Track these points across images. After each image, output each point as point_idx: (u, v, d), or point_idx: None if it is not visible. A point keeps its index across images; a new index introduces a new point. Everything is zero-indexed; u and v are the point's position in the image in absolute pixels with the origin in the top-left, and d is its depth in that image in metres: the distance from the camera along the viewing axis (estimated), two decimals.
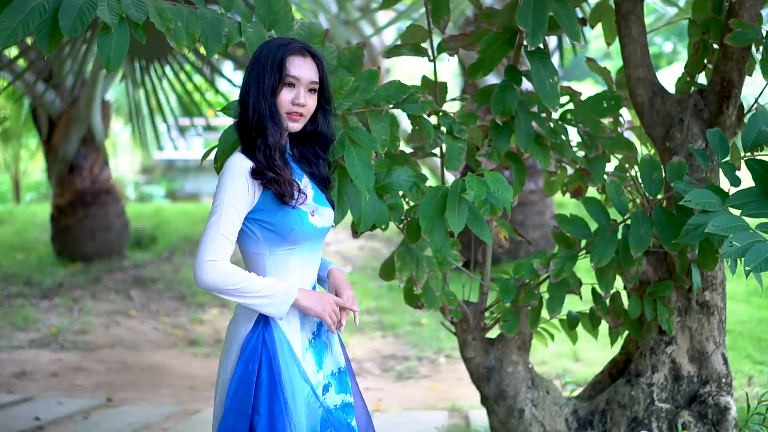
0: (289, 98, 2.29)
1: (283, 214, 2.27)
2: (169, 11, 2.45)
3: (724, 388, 3.28)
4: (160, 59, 7.85)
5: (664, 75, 10.50)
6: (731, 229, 2.55)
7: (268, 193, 2.26)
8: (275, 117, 2.28)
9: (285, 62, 2.28)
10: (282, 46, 2.30)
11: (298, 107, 2.30)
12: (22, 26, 2.25)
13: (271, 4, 2.70)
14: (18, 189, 15.11)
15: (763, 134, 2.77)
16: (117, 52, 2.31)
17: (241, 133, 2.31)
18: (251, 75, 2.30)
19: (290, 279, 2.31)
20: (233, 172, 2.24)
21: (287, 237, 2.28)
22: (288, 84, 2.29)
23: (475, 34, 3.12)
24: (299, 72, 2.29)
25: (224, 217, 2.22)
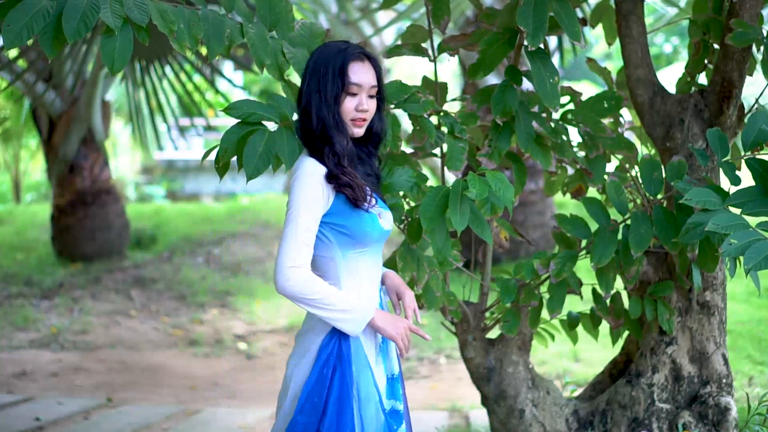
0: (352, 106, 2.29)
1: (357, 217, 2.28)
2: (171, 13, 2.46)
3: (725, 388, 3.28)
4: (160, 59, 7.85)
5: (664, 75, 10.50)
6: (731, 227, 2.55)
7: (341, 196, 2.27)
8: (340, 125, 2.28)
9: (347, 70, 2.27)
10: (340, 52, 2.29)
11: (361, 113, 2.30)
12: (27, 29, 2.25)
13: (272, 4, 2.71)
14: (18, 189, 15.11)
15: (762, 133, 2.78)
16: (121, 54, 2.32)
17: (305, 139, 2.31)
18: (311, 83, 2.29)
19: (361, 281, 2.32)
20: (308, 177, 2.24)
21: (360, 240, 2.30)
22: (350, 92, 2.29)
23: (476, 34, 3.12)
24: (360, 78, 2.29)
25: (302, 223, 2.22)
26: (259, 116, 2.49)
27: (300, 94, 2.33)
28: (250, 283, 8.58)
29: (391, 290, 2.47)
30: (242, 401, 5.74)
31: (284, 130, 2.50)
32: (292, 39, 2.78)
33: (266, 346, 7.12)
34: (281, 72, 2.70)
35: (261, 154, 2.44)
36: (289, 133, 2.49)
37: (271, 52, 2.68)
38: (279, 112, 2.53)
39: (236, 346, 7.12)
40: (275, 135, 2.48)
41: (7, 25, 2.23)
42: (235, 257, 9.26)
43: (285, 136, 2.48)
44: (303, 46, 2.80)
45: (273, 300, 8.16)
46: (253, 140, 2.45)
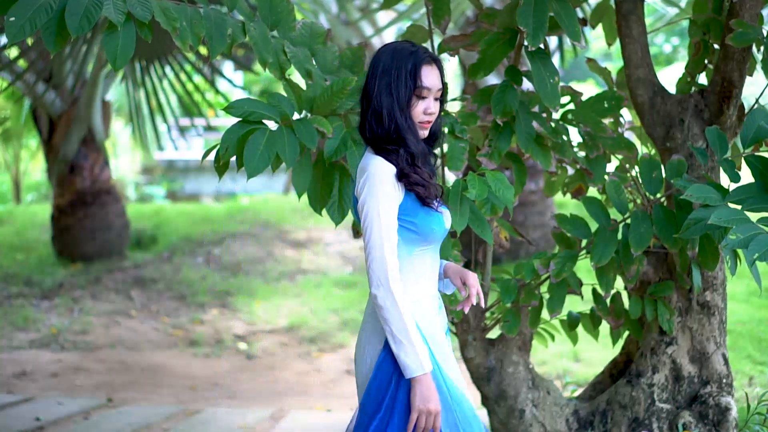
0: (421, 109, 2.31)
1: (425, 215, 2.29)
2: (173, 10, 2.46)
3: (725, 388, 3.28)
4: (160, 59, 7.85)
5: (664, 75, 10.50)
6: (733, 221, 2.56)
7: (411, 195, 2.28)
8: (411, 127, 2.29)
9: (419, 73, 2.28)
10: (412, 54, 2.30)
11: (429, 116, 2.32)
12: (30, 23, 2.26)
13: (274, 4, 2.71)
14: (18, 189, 15.11)
15: (761, 130, 2.78)
16: (123, 50, 2.32)
17: (371, 139, 2.31)
18: (380, 83, 2.29)
19: (421, 278, 2.33)
20: (380, 177, 2.25)
21: (426, 237, 2.31)
22: (420, 96, 2.30)
23: (476, 35, 3.12)
24: (431, 82, 2.30)
25: (388, 229, 2.23)
26: (260, 115, 2.49)
27: (366, 95, 2.32)
28: (250, 283, 8.58)
29: (454, 276, 2.46)
30: (242, 401, 5.74)
31: (285, 129, 2.50)
32: (293, 39, 2.78)
33: (266, 346, 7.12)
34: (282, 71, 2.70)
35: (262, 152, 2.44)
36: (290, 132, 2.49)
37: (272, 51, 2.69)
38: (280, 111, 2.53)
39: (236, 346, 7.12)
40: (276, 134, 2.48)
41: (10, 18, 2.24)
42: (235, 257, 9.26)
43: (286, 135, 2.48)
44: (304, 46, 2.81)
45: (273, 300, 8.16)
46: (254, 139, 2.45)
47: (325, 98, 2.59)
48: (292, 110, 2.56)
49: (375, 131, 2.29)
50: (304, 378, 6.37)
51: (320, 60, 2.83)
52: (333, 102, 2.60)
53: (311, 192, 2.68)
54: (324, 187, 2.67)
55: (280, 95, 2.58)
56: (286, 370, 6.57)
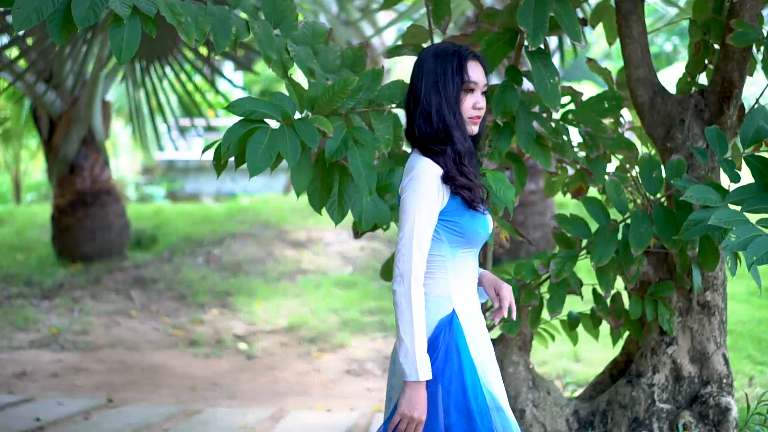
0: (470, 104, 2.32)
1: (471, 217, 2.29)
2: (178, 6, 2.47)
3: (725, 388, 3.28)
4: (160, 60, 7.85)
5: (664, 75, 10.50)
6: (733, 222, 2.56)
7: (457, 197, 2.28)
8: (460, 124, 2.30)
9: (465, 68, 2.30)
10: (455, 51, 2.32)
11: (478, 111, 2.32)
12: (36, 13, 2.26)
13: (277, 3, 2.72)
14: (18, 189, 15.11)
15: (761, 130, 2.78)
16: (129, 44, 2.33)
17: (419, 139, 2.31)
18: (427, 83, 2.30)
19: (464, 280, 2.33)
20: (425, 178, 2.25)
21: (471, 240, 2.31)
22: (468, 90, 2.31)
23: (476, 35, 3.12)
24: (477, 76, 2.32)
25: (421, 229, 2.22)
26: (262, 114, 2.50)
27: (411, 97, 2.34)
28: (250, 284, 8.58)
29: (488, 286, 2.45)
30: (242, 401, 5.74)
31: (286, 128, 2.50)
32: (295, 38, 2.79)
33: (266, 346, 7.12)
34: (285, 69, 2.71)
35: (264, 151, 2.45)
36: (291, 131, 2.49)
37: (276, 49, 2.69)
38: (281, 110, 2.53)
39: (236, 346, 7.12)
40: (278, 133, 2.49)
41: (16, 7, 2.25)
42: (235, 257, 9.26)
43: (287, 134, 2.49)
44: (306, 45, 2.81)
45: (273, 300, 8.16)
46: (256, 138, 2.46)
47: (327, 98, 2.60)
48: (294, 109, 2.56)
49: (423, 131, 2.30)
50: (304, 378, 6.37)
51: (322, 59, 2.84)
52: (334, 102, 2.60)
53: (311, 191, 2.68)
54: (324, 186, 2.67)
55: (282, 94, 2.58)
56: (286, 370, 6.57)
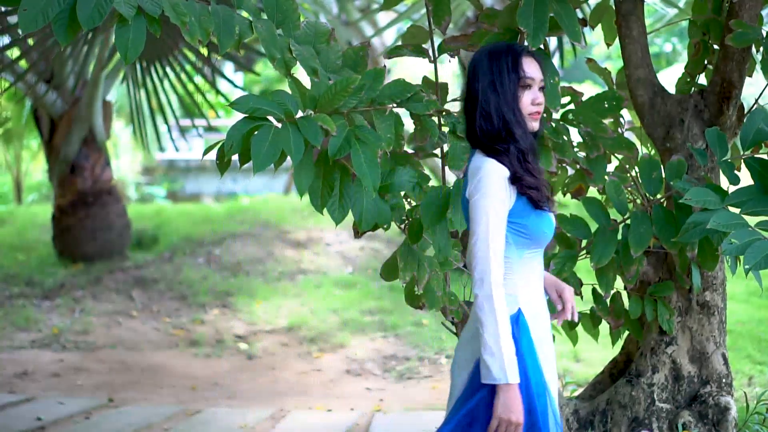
0: (529, 99, 2.32)
1: (537, 218, 2.29)
2: (182, 6, 2.48)
3: (725, 388, 3.29)
4: (161, 60, 7.86)
5: (664, 75, 10.50)
6: (732, 226, 2.56)
7: (523, 198, 2.28)
8: (521, 121, 2.30)
9: (520, 64, 2.31)
10: (509, 48, 2.33)
11: (537, 107, 2.33)
12: (42, 14, 2.29)
13: (279, 2, 2.73)
14: (19, 190, 15.10)
15: (761, 132, 2.78)
16: (134, 44, 2.35)
17: (482, 140, 2.31)
18: (484, 83, 2.31)
19: (531, 281, 2.32)
20: (494, 179, 2.25)
21: (537, 240, 2.30)
22: (525, 86, 2.31)
23: (476, 35, 3.13)
24: (533, 72, 2.33)
25: (495, 230, 2.22)
26: (265, 111, 2.50)
27: (470, 99, 2.35)
28: (250, 284, 8.58)
29: (551, 287, 2.44)
30: (242, 401, 5.75)
31: (290, 126, 2.51)
32: (297, 37, 2.80)
33: (267, 346, 7.13)
34: (288, 68, 2.72)
35: (268, 148, 2.45)
36: (295, 129, 2.50)
37: (279, 49, 2.70)
38: (284, 108, 2.54)
39: (237, 346, 7.12)
40: (281, 130, 2.49)
41: (23, 9, 2.27)
42: (235, 257, 9.26)
43: (290, 132, 2.49)
44: (308, 44, 2.82)
45: (273, 300, 8.17)
46: (260, 134, 2.46)
47: (329, 97, 2.60)
48: (297, 108, 2.57)
49: (485, 131, 2.30)
50: (304, 378, 6.37)
51: (324, 59, 2.84)
52: (336, 100, 2.61)
53: (313, 191, 2.68)
54: (325, 186, 2.68)
55: (285, 92, 2.58)
56: (286, 370, 6.57)
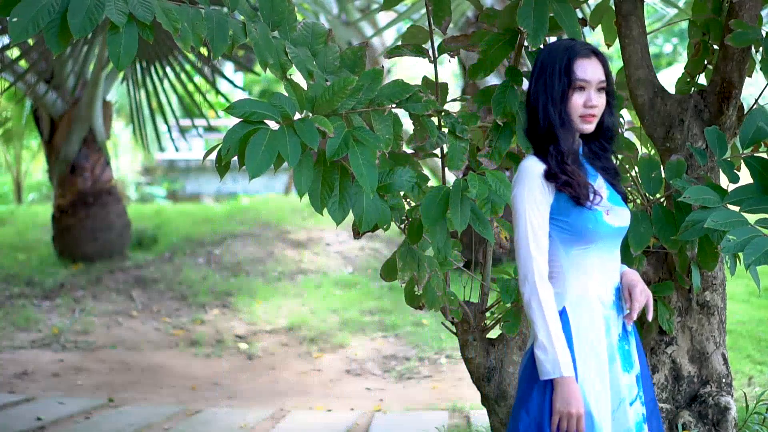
0: (580, 102, 2.31)
1: (578, 214, 2.29)
2: (175, 11, 2.47)
3: (725, 388, 3.29)
4: (161, 60, 7.86)
5: (664, 76, 10.50)
6: (730, 224, 2.56)
7: (563, 194, 2.29)
8: (566, 123, 2.30)
9: (573, 66, 2.30)
10: (567, 49, 2.32)
11: (591, 109, 2.31)
12: (33, 24, 2.28)
13: (275, 4, 2.72)
14: (19, 189, 15.11)
15: (760, 131, 2.79)
16: (126, 50, 2.34)
17: (531, 138, 2.35)
18: (538, 82, 2.32)
19: (588, 278, 2.32)
20: (527, 176, 2.28)
21: (583, 237, 2.29)
22: (578, 88, 2.30)
23: (476, 35, 3.13)
24: (587, 74, 2.30)
25: (535, 226, 2.26)
26: (261, 115, 2.50)
27: (528, 96, 2.36)
28: (250, 284, 8.59)
29: (625, 286, 2.41)
30: (242, 401, 5.75)
31: (286, 129, 2.50)
32: (294, 39, 2.79)
33: (267, 346, 7.13)
34: (284, 71, 2.71)
35: (263, 152, 2.45)
36: (292, 132, 2.50)
37: (274, 52, 2.70)
38: (281, 111, 2.53)
39: (237, 346, 7.13)
40: (278, 134, 2.49)
41: (13, 19, 2.26)
42: (235, 257, 9.26)
43: (287, 135, 2.49)
44: (305, 46, 2.82)
45: (273, 300, 8.17)
46: (256, 139, 2.46)
47: (326, 98, 2.60)
48: (294, 110, 2.56)
49: (531, 129, 2.33)
50: (304, 378, 6.37)
51: (321, 60, 2.84)
52: (334, 102, 2.61)
53: (312, 192, 2.68)
54: (325, 186, 2.68)
55: (282, 95, 2.58)
56: (287, 370, 6.58)
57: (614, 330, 2.36)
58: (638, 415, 2.37)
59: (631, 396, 2.36)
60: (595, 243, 2.31)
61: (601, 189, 2.36)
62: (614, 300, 2.38)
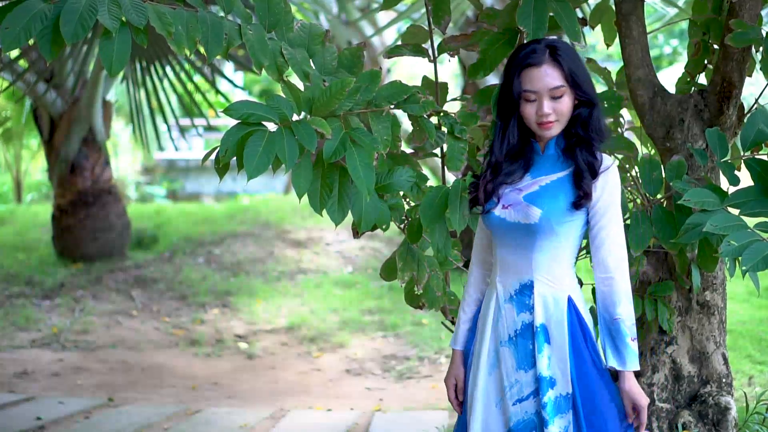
0: (532, 112, 2.33)
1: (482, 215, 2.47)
2: (169, 15, 2.46)
3: (725, 388, 3.29)
4: (160, 60, 7.86)
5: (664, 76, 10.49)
6: (729, 228, 2.56)
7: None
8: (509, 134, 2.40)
9: (521, 78, 2.33)
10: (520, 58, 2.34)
11: (543, 117, 2.32)
12: (25, 31, 2.27)
13: (271, 5, 2.71)
14: (19, 189, 15.10)
15: (761, 133, 2.78)
16: (119, 56, 2.33)
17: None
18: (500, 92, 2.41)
19: (496, 269, 2.46)
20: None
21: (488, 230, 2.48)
22: (528, 99, 2.33)
23: (476, 35, 3.13)
24: (534, 85, 2.31)
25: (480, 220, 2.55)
26: (259, 117, 2.49)
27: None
28: (250, 283, 8.59)
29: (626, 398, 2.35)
30: (242, 401, 5.75)
31: (284, 131, 2.50)
32: (291, 40, 2.78)
33: (267, 346, 7.13)
34: (280, 73, 2.70)
35: (261, 154, 2.44)
36: (289, 134, 2.50)
37: (269, 53, 2.69)
38: (278, 112, 2.53)
39: (237, 346, 7.13)
40: (275, 135, 2.49)
41: (5, 27, 2.25)
42: (235, 257, 9.26)
43: (285, 137, 2.49)
44: (302, 47, 2.81)
45: (273, 300, 8.17)
46: (253, 140, 2.46)
47: (324, 99, 2.59)
48: (291, 112, 2.56)
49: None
50: (304, 378, 6.37)
51: (319, 61, 2.83)
52: (332, 103, 2.60)
53: (312, 193, 2.68)
54: (324, 187, 2.67)
55: (279, 97, 2.58)
56: (287, 369, 6.58)
57: (506, 323, 2.40)
58: (525, 414, 2.36)
59: (520, 394, 2.36)
60: (496, 237, 2.44)
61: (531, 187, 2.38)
62: (514, 295, 2.40)
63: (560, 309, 2.36)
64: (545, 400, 2.32)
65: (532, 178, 2.41)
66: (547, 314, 2.37)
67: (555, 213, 2.34)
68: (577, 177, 2.35)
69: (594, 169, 2.35)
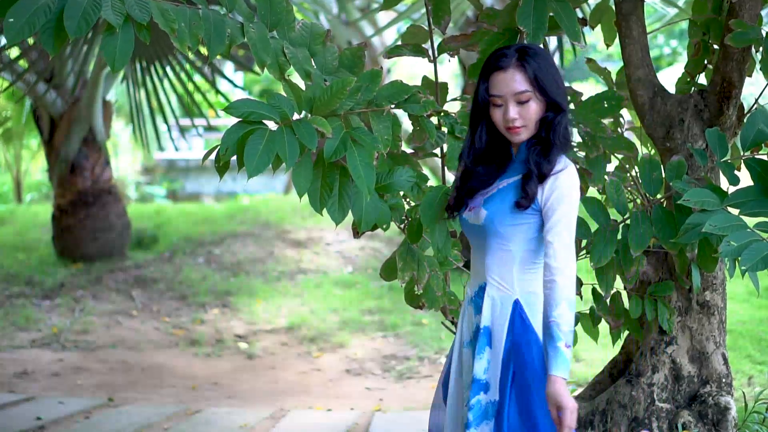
0: (499, 116, 2.34)
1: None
2: (172, 12, 2.47)
3: (725, 388, 3.29)
4: (161, 59, 7.86)
5: (664, 76, 10.50)
6: (729, 228, 2.56)
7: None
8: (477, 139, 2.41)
9: (488, 83, 2.33)
10: (487, 63, 2.35)
11: (510, 122, 2.32)
12: (28, 25, 2.27)
13: (273, 4, 2.71)
14: (19, 189, 15.10)
15: (761, 133, 2.78)
16: (122, 52, 2.33)
17: None
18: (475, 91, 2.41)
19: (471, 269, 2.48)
20: None
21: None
22: (495, 104, 2.33)
23: (476, 35, 3.13)
24: (499, 89, 2.31)
25: None
26: (260, 115, 2.50)
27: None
28: (250, 283, 8.59)
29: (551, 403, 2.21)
30: (242, 401, 5.75)
31: (285, 130, 2.50)
32: (292, 39, 2.79)
33: (267, 345, 7.13)
34: (282, 72, 2.71)
35: (262, 152, 2.45)
36: (290, 133, 2.50)
37: (271, 52, 2.69)
38: (279, 111, 2.53)
39: (237, 346, 7.13)
40: (276, 134, 2.49)
41: (9, 20, 2.25)
42: (235, 257, 9.26)
43: (285, 136, 2.49)
44: (303, 46, 2.81)
45: (273, 300, 8.17)
46: (254, 139, 2.46)
47: (325, 99, 2.60)
48: (292, 111, 2.56)
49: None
50: (304, 378, 6.37)
51: (320, 61, 2.84)
52: (333, 102, 2.60)
53: (312, 192, 2.68)
54: (324, 187, 2.68)
55: (280, 95, 2.58)
56: (287, 369, 6.58)
57: (467, 325, 2.45)
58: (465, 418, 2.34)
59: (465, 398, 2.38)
60: (472, 243, 2.46)
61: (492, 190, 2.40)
62: (473, 297, 2.43)
63: (504, 313, 2.35)
64: (473, 402, 2.31)
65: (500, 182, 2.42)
66: (493, 317, 2.36)
67: (498, 214, 2.35)
68: (525, 179, 2.34)
69: (542, 171, 2.32)
